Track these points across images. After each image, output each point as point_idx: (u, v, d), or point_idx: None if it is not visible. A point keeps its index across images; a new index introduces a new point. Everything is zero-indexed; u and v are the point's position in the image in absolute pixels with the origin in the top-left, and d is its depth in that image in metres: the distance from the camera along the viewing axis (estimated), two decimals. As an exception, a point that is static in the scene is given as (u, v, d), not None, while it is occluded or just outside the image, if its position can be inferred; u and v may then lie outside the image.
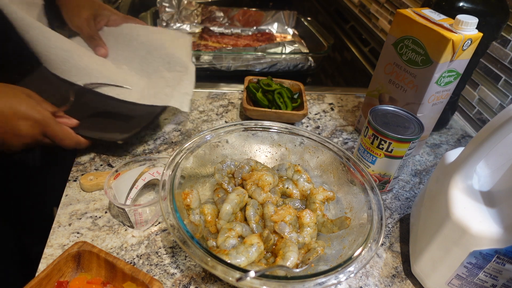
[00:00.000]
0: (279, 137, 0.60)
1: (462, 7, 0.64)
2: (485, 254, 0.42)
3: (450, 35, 0.56)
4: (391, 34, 0.65)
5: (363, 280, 0.51)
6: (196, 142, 0.53)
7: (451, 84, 0.63)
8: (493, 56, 0.78)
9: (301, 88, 0.81)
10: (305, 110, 0.75)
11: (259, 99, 0.77)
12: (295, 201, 0.55)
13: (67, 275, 0.45)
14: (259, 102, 0.77)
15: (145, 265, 0.49)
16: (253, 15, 1.20)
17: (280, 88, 0.79)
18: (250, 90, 0.79)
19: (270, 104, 0.78)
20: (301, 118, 0.77)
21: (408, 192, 0.67)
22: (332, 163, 0.58)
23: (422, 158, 0.75)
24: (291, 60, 0.95)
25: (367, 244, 0.44)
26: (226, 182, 0.54)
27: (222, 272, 0.39)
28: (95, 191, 0.58)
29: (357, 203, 0.52)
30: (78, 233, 0.52)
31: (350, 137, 0.78)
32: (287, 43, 1.01)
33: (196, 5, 1.16)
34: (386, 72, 0.68)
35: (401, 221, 0.61)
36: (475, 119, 0.85)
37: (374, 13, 1.21)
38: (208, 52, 0.93)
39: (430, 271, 0.48)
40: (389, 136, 0.56)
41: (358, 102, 0.89)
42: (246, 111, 0.74)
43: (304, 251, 0.48)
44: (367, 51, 1.17)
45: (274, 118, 0.61)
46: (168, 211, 0.44)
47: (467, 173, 0.45)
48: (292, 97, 0.80)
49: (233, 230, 0.47)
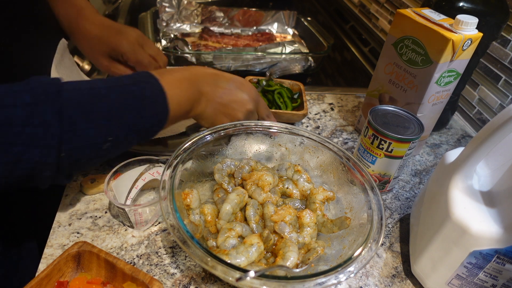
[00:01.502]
0: (279, 137, 0.60)
1: (462, 7, 0.64)
2: (485, 254, 0.42)
3: (450, 35, 0.56)
4: (391, 34, 0.65)
5: (363, 280, 0.51)
6: (196, 143, 0.53)
7: (451, 84, 0.63)
8: (493, 56, 0.78)
9: (301, 88, 0.81)
10: (305, 110, 0.75)
11: None
12: (295, 201, 0.55)
13: (67, 275, 0.45)
14: None
15: (145, 265, 0.49)
16: (253, 15, 1.20)
17: (280, 88, 0.79)
18: None
19: (270, 104, 0.78)
20: (301, 118, 0.77)
21: (408, 192, 0.67)
22: (332, 163, 0.58)
23: (422, 158, 0.75)
24: (291, 60, 0.95)
25: (367, 244, 0.44)
26: (226, 182, 0.54)
27: (222, 272, 0.39)
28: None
29: (357, 203, 0.52)
30: (78, 233, 0.52)
31: (350, 137, 0.78)
32: (287, 43, 1.01)
33: (196, 5, 1.16)
34: (386, 72, 0.68)
35: (401, 221, 0.61)
36: (475, 119, 0.85)
37: (374, 13, 1.21)
38: (208, 52, 0.93)
39: (430, 271, 0.48)
40: (389, 136, 0.56)
41: (358, 102, 0.89)
42: None
43: (304, 251, 0.48)
44: (367, 51, 1.17)
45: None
46: (168, 211, 0.44)
47: (467, 173, 0.45)
48: (292, 97, 0.80)
49: (233, 230, 0.47)
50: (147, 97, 0.47)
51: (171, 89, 0.49)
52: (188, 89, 0.52)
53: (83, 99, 0.42)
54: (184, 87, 0.52)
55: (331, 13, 1.44)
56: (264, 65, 0.95)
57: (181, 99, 0.51)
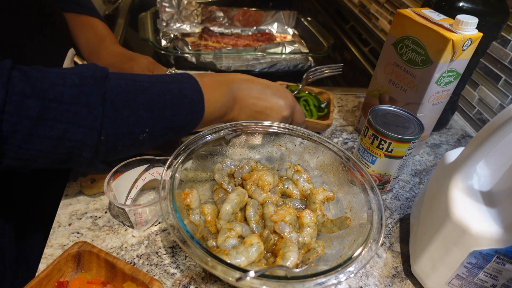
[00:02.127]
0: (279, 137, 0.60)
1: (462, 7, 0.64)
2: (485, 254, 0.42)
3: (450, 35, 0.56)
4: (391, 34, 0.65)
5: (363, 280, 0.51)
6: (196, 143, 0.53)
7: (451, 84, 0.63)
8: (493, 56, 0.78)
9: (330, 97, 0.79)
10: (330, 120, 0.73)
11: None
12: (295, 201, 0.55)
13: (67, 275, 0.45)
14: None
15: (145, 265, 0.49)
16: (253, 15, 1.20)
17: (307, 96, 0.78)
18: None
19: None
20: (324, 128, 0.75)
21: (408, 192, 0.67)
22: (332, 163, 0.58)
23: (422, 158, 0.75)
24: (291, 60, 0.95)
25: (367, 244, 0.44)
26: (226, 182, 0.54)
27: (222, 272, 0.39)
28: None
29: (357, 203, 0.52)
30: (78, 233, 0.52)
31: (350, 137, 0.78)
32: (287, 43, 1.01)
33: (196, 5, 1.16)
34: (386, 72, 0.68)
35: (401, 221, 0.61)
36: (475, 119, 0.85)
37: (374, 13, 1.21)
38: (208, 52, 0.93)
39: (430, 271, 0.48)
40: (389, 136, 0.56)
41: (358, 102, 0.89)
42: None
43: (304, 251, 0.48)
44: (367, 51, 1.17)
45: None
46: (168, 211, 0.44)
47: (467, 173, 0.45)
48: (319, 106, 0.78)
49: (233, 230, 0.47)
50: (186, 95, 0.50)
51: (208, 92, 0.52)
52: (224, 94, 0.54)
53: (127, 88, 0.45)
54: (220, 91, 0.54)
55: (331, 13, 1.44)
56: (264, 65, 0.95)
57: (217, 103, 0.53)
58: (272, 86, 0.59)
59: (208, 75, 0.55)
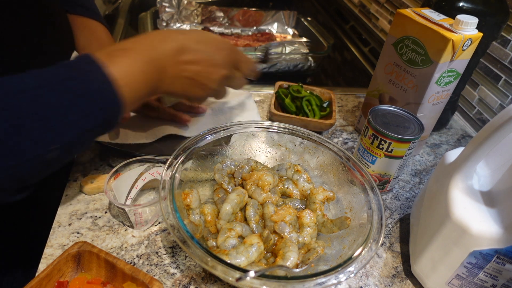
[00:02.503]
0: (279, 137, 0.60)
1: (462, 7, 0.64)
2: (485, 254, 0.42)
3: (450, 35, 0.56)
4: (391, 34, 0.65)
5: (363, 280, 0.51)
6: (196, 143, 0.53)
7: (451, 84, 0.63)
8: (493, 56, 0.78)
9: (332, 97, 0.80)
10: (333, 120, 0.73)
11: (287, 105, 0.77)
12: (295, 201, 0.55)
13: (67, 275, 0.45)
14: (286, 108, 0.77)
15: (145, 265, 0.49)
16: (253, 15, 1.20)
17: (309, 96, 0.78)
18: (279, 96, 0.78)
19: (298, 110, 0.77)
20: (328, 127, 0.75)
21: (408, 192, 0.67)
22: (332, 163, 0.58)
23: (422, 158, 0.75)
24: (291, 60, 0.95)
25: (367, 244, 0.44)
26: (226, 182, 0.54)
27: (222, 272, 0.39)
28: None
29: (357, 203, 0.52)
30: (78, 233, 0.52)
31: (350, 137, 0.78)
32: (287, 43, 1.01)
33: (196, 5, 1.16)
34: (386, 72, 0.68)
35: (401, 221, 0.61)
36: (475, 119, 0.85)
37: (374, 13, 1.21)
38: (208, 52, 0.92)
39: (430, 271, 0.48)
40: (389, 136, 0.56)
41: (358, 102, 0.89)
42: (273, 116, 0.74)
43: (304, 251, 0.48)
44: (367, 51, 1.17)
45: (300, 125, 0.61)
46: (168, 211, 0.44)
47: (467, 173, 0.45)
48: (321, 106, 0.78)
49: (233, 230, 0.47)
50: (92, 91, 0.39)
51: (122, 75, 0.41)
52: (146, 70, 0.44)
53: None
54: (140, 68, 0.44)
55: (331, 13, 1.44)
56: (264, 65, 0.95)
57: (139, 84, 0.43)
58: (205, 43, 0.50)
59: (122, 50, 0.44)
